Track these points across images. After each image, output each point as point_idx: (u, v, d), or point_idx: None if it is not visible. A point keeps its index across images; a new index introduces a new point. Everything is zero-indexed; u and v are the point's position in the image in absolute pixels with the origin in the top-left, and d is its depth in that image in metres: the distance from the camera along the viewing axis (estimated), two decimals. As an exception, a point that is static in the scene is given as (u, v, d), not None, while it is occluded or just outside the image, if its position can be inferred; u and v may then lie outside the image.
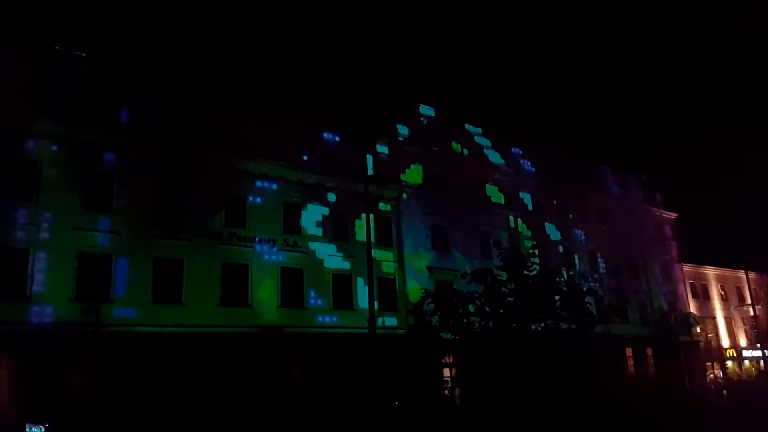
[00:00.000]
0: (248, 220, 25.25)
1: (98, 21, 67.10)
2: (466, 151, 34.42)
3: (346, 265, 27.29)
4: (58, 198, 21.02)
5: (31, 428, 16.60)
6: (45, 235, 20.46)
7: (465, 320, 23.34)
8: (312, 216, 27.13)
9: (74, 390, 19.41)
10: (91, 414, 18.81)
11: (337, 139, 29.28)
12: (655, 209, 45.36)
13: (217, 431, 20.60)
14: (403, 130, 31.59)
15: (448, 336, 24.26)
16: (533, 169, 37.30)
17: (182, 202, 23.77)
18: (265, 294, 24.69)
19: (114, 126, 22.89)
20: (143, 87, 24.39)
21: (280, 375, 23.73)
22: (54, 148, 21.44)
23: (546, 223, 36.68)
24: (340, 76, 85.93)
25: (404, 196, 30.26)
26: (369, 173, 27.45)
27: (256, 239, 25.03)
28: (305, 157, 27.65)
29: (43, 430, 16.63)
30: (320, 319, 25.76)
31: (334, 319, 26.06)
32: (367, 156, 28.99)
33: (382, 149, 30.56)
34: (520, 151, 37.06)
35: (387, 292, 28.27)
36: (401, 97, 32.47)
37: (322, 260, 26.67)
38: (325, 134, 29.02)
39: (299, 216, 26.84)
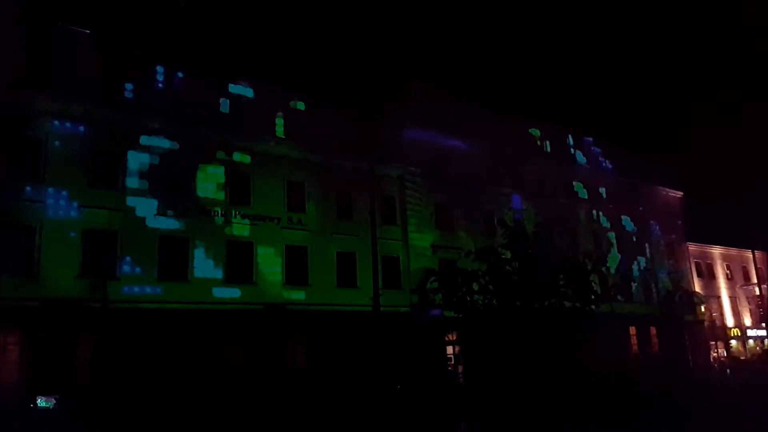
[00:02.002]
0: (252, 197, 25.28)
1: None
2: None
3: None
4: (64, 176, 21.07)
5: (41, 400, 16.93)
6: (51, 212, 20.57)
7: (468, 298, 23.36)
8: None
9: (82, 365, 19.76)
10: (98, 388, 19.12)
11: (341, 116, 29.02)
12: (661, 188, 45.09)
13: (222, 407, 20.90)
14: (408, 107, 31.35)
15: (452, 314, 24.35)
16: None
17: (187, 178, 23.79)
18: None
19: (119, 103, 22.83)
20: (146, 63, 24.24)
21: (284, 351, 24.07)
22: (59, 125, 21.42)
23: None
24: (339, 51, 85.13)
25: (408, 174, 30.13)
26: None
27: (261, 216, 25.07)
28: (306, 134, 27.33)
29: (53, 402, 16.95)
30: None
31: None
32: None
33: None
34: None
35: (391, 270, 28.24)
36: (405, 74, 31.79)
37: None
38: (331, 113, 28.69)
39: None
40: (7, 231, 19.71)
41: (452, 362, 29.12)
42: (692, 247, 46.07)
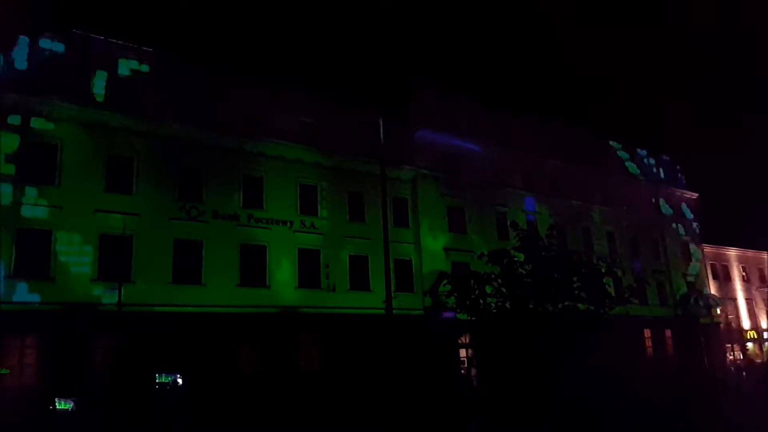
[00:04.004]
0: (265, 201, 25.39)
1: (115, 3, 67.24)
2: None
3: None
4: (79, 180, 21.33)
5: (60, 402, 17.10)
6: (67, 216, 20.80)
7: (481, 301, 23.29)
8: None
9: (97, 367, 19.96)
10: (114, 390, 19.29)
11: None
12: (676, 189, 44.68)
13: (238, 409, 21.01)
14: (419, 110, 31.35)
15: (465, 317, 24.29)
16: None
17: (200, 183, 23.98)
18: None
19: (133, 108, 23.06)
20: (162, 70, 24.48)
21: (297, 354, 24.15)
22: (74, 130, 21.68)
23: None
24: (352, 54, 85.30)
25: (421, 177, 30.11)
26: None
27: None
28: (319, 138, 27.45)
29: (72, 404, 17.11)
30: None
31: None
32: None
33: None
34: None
35: (404, 273, 28.19)
36: (417, 76, 31.81)
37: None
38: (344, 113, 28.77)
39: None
40: (24, 236, 20.05)
41: (465, 365, 29.04)
42: (707, 248, 45.58)
